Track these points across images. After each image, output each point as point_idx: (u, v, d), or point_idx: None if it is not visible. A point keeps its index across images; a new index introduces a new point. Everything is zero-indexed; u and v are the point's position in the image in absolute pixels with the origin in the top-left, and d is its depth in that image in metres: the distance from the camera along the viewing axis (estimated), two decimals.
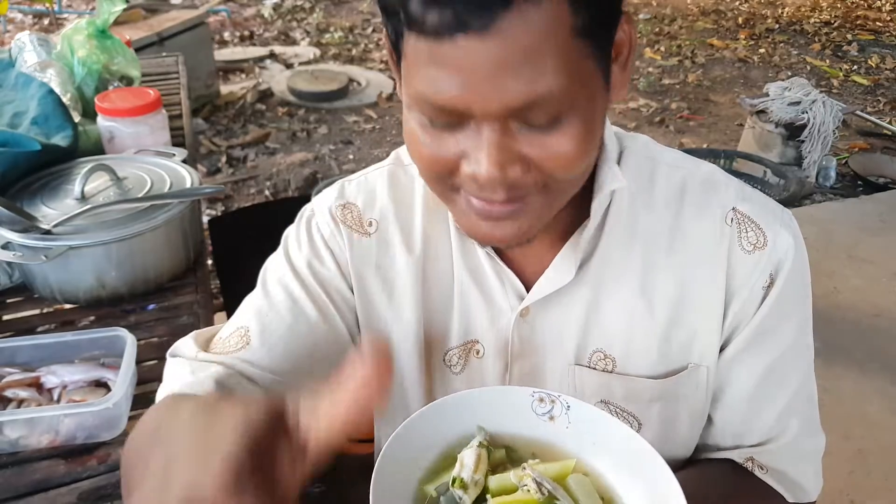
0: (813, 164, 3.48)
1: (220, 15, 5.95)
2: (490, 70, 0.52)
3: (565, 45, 0.52)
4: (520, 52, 0.51)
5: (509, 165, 0.57)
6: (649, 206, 0.72)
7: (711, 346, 0.73)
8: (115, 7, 1.64)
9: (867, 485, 2.03)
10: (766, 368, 0.74)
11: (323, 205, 0.78)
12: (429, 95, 0.55)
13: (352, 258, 0.76)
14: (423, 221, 0.76)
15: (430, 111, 0.57)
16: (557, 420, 0.60)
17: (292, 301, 0.74)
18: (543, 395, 0.61)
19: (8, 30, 5.39)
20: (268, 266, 0.79)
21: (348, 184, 0.80)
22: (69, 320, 1.16)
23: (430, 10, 0.51)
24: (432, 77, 0.54)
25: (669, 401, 0.74)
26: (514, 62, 0.51)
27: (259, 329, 0.73)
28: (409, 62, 0.56)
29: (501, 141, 0.56)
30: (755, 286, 0.71)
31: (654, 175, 0.74)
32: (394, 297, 0.77)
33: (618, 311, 0.72)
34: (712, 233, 0.72)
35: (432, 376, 0.78)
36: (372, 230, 0.77)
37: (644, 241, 0.72)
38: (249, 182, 3.69)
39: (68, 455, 0.92)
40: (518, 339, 0.74)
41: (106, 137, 1.47)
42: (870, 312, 2.73)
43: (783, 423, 0.75)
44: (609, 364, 0.74)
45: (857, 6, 7.10)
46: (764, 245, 0.71)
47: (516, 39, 0.51)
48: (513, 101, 0.53)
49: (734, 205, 0.72)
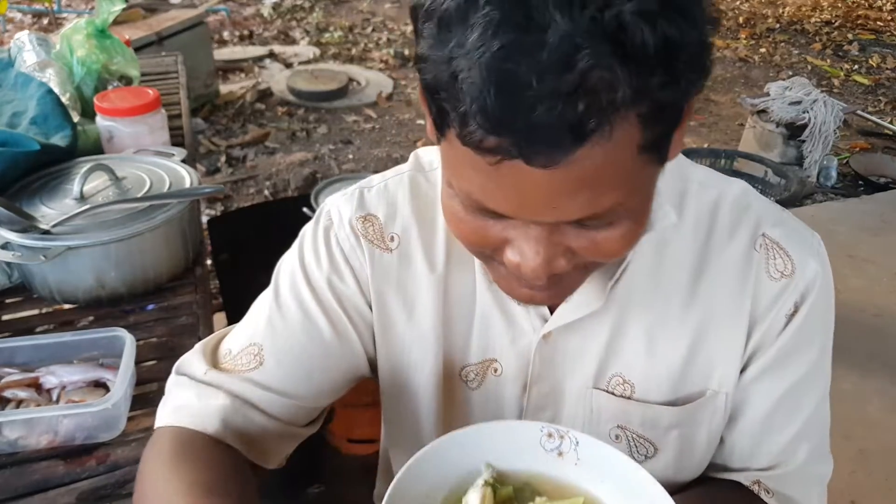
0: (814, 163, 3.48)
1: (219, 14, 5.95)
2: (548, 195, 0.49)
3: (632, 163, 0.49)
4: (582, 180, 0.48)
5: (554, 259, 0.55)
6: (679, 229, 0.70)
7: (731, 373, 0.72)
8: (115, 7, 1.64)
9: (868, 485, 2.03)
10: (781, 394, 0.72)
11: (343, 216, 0.75)
12: (474, 196, 0.53)
13: (372, 275, 0.74)
14: (446, 237, 0.74)
15: (474, 206, 0.54)
16: (566, 456, 0.59)
17: (309, 319, 0.73)
18: (552, 431, 0.59)
19: (7, 29, 5.39)
20: (281, 268, 0.77)
21: (368, 192, 0.76)
22: (68, 320, 1.16)
23: (489, 137, 0.46)
24: (481, 184, 0.51)
25: (687, 427, 0.73)
26: (575, 189, 0.49)
27: (273, 349, 0.72)
28: (453, 153, 0.52)
29: (549, 238, 0.54)
30: (779, 314, 0.70)
31: (684, 196, 0.71)
32: (413, 315, 0.75)
33: (640, 336, 0.71)
34: (740, 258, 0.70)
35: (448, 391, 0.77)
36: (394, 245, 0.75)
37: (671, 266, 0.71)
38: (249, 182, 3.68)
39: (67, 455, 0.91)
40: (539, 361, 0.73)
41: (105, 137, 1.47)
42: (870, 312, 2.72)
43: (794, 449, 0.74)
44: (627, 389, 0.72)
45: (857, 6, 7.09)
46: (791, 273, 0.70)
47: (582, 170, 0.47)
48: (567, 217, 0.52)
49: (764, 230, 0.71)
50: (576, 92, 0.43)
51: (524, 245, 0.55)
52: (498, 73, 0.44)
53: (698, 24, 0.47)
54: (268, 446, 0.74)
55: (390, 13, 6.55)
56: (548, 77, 0.43)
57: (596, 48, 0.43)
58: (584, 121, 0.44)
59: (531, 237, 0.54)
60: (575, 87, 0.43)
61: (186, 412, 0.71)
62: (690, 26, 0.46)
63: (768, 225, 0.71)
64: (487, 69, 0.44)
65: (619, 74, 0.43)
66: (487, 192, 0.51)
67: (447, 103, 0.48)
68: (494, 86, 0.44)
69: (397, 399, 0.80)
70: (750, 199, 0.72)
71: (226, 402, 0.70)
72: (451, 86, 0.46)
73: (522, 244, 0.55)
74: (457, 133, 0.48)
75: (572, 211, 0.51)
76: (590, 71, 0.43)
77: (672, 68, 0.45)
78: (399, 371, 0.77)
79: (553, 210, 0.50)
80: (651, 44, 0.43)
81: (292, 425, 0.75)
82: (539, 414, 0.76)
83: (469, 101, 0.45)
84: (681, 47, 0.45)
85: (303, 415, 0.76)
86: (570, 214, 0.51)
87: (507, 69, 0.44)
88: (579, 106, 0.44)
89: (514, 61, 0.43)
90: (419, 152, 0.79)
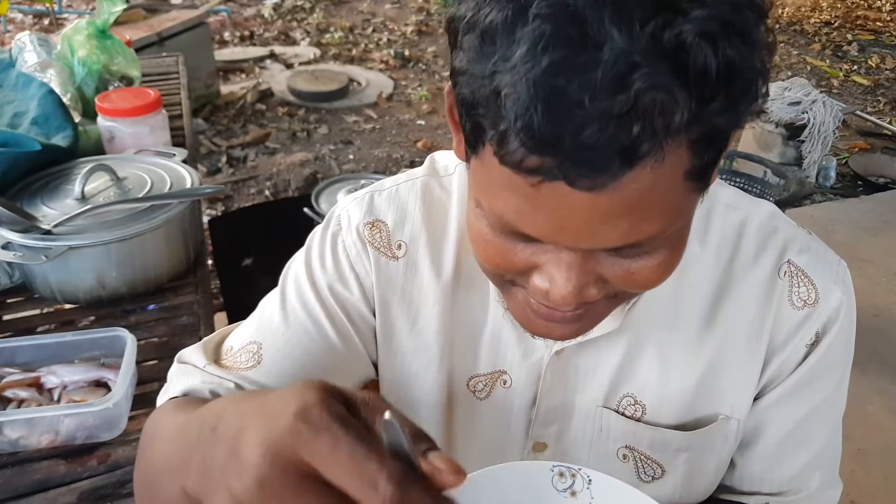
0: (813, 164, 3.48)
1: (220, 15, 5.95)
2: (590, 221, 0.46)
3: (676, 190, 0.47)
4: (626, 206, 0.45)
5: (586, 289, 0.52)
6: (701, 252, 0.68)
7: (744, 399, 0.71)
8: (116, 7, 1.64)
9: (867, 485, 2.03)
10: (796, 422, 0.71)
11: (352, 221, 0.74)
12: (507, 218, 0.50)
13: (377, 283, 0.73)
14: (457, 247, 0.72)
15: (506, 229, 0.51)
16: (580, 496, 0.57)
17: (312, 321, 0.72)
18: (563, 470, 0.57)
19: (8, 30, 5.39)
20: (289, 270, 0.76)
21: (378, 196, 0.75)
22: (69, 320, 1.16)
23: (532, 157, 0.43)
24: (517, 206, 0.48)
25: (696, 451, 0.72)
26: (618, 215, 0.46)
27: (272, 348, 0.72)
28: (486, 173, 0.49)
29: (583, 265, 0.51)
30: (799, 344, 0.69)
31: (709, 216, 0.69)
32: (417, 324, 0.74)
33: (654, 359, 0.70)
34: (763, 285, 0.68)
35: (454, 402, 0.76)
36: (400, 253, 0.73)
37: (691, 290, 0.69)
38: (249, 182, 3.69)
39: (68, 455, 0.92)
40: (550, 376, 0.72)
41: (106, 137, 1.47)
42: (870, 312, 2.72)
43: (805, 477, 0.73)
44: (638, 411, 0.71)
45: (857, 6, 7.09)
46: (815, 302, 0.68)
47: (627, 196, 0.44)
48: (606, 245, 0.49)
49: (790, 256, 0.68)
50: (629, 113, 0.41)
51: (555, 271, 0.52)
52: (547, 90, 0.41)
53: (758, 48, 0.45)
54: None
55: (391, 14, 6.55)
56: (601, 96, 0.40)
57: (654, 68, 0.40)
58: (636, 145, 0.42)
59: (563, 263, 0.51)
60: (629, 109, 0.41)
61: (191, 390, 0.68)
62: (750, 51, 0.44)
63: (794, 251, 0.69)
64: (535, 85, 0.41)
65: (678, 98, 0.41)
66: (523, 215, 0.48)
67: (485, 119, 0.45)
68: (542, 103, 0.41)
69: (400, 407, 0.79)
70: (777, 223, 0.70)
71: (229, 385, 0.69)
72: (493, 102, 0.44)
73: (553, 270, 0.52)
74: (495, 151, 0.46)
75: (612, 239, 0.48)
76: (646, 92, 0.40)
77: (731, 93, 0.43)
78: (401, 379, 0.77)
79: (592, 237, 0.48)
80: (713, 67, 0.41)
81: None
82: (546, 428, 0.75)
83: (513, 118, 0.42)
84: (741, 72, 0.43)
85: None
86: (610, 242, 0.48)
87: (557, 86, 0.41)
88: (634, 129, 0.41)
89: (565, 78, 0.41)
90: (435, 156, 0.77)
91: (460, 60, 0.47)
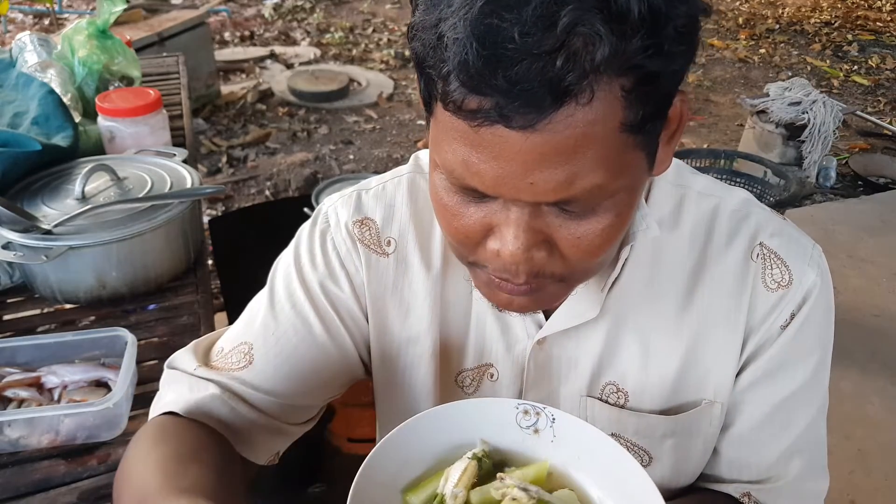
0: (813, 164, 3.48)
1: (220, 15, 5.95)
2: (526, 164, 0.49)
3: (612, 141, 0.49)
4: (561, 150, 0.48)
5: (535, 248, 0.55)
6: (675, 239, 0.70)
7: (726, 383, 0.72)
8: (116, 7, 1.64)
9: (867, 485, 2.03)
10: (773, 406, 0.72)
11: (340, 219, 0.75)
12: (457, 171, 0.53)
13: (368, 280, 0.74)
14: (444, 240, 0.73)
15: (457, 184, 0.55)
16: (542, 433, 0.59)
17: (302, 320, 0.73)
18: (528, 408, 0.59)
19: (8, 30, 5.39)
20: (277, 268, 0.77)
21: (365, 194, 0.76)
22: (69, 320, 1.16)
23: (471, 97, 0.47)
24: (463, 155, 0.51)
25: (682, 436, 0.73)
26: (554, 160, 0.48)
27: (263, 348, 0.72)
28: (438, 128, 0.53)
29: (530, 222, 0.54)
30: (774, 324, 0.70)
31: (682, 204, 0.71)
32: (409, 318, 0.75)
33: (634, 345, 0.71)
34: (737, 268, 0.70)
35: (443, 396, 0.77)
36: (390, 250, 0.74)
37: (667, 275, 0.70)
38: (250, 182, 3.69)
39: (68, 455, 0.92)
40: (534, 367, 0.73)
41: (106, 137, 1.47)
42: (870, 313, 2.72)
43: (785, 463, 0.73)
44: (621, 398, 0.72)
45: (857, 6, 7.09)
46: (788, 284, 0.69)
47: (559, 138, 0.47)
48: (546, 196, 0.51)
49: (762, 239, 0.70)
50: (557, 50, 0.44)
51: (505, 230, 0.54)
52: (481, 28, 0.44)
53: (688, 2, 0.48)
54: (255, 439, 0.73)
55: (391, 14, 6.55)
56: (531, 31, 0.44)
57: (580, 4, 0.43)
58: (562, 77, 0.44)
59: (511, 221, 0.54)
60: (556, 44, 0.44)
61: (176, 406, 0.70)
62: (679, 1, 0.47)
63: (766, 235, 0.70)
64: (472, 24, 0.44)
65: (600, 31, 0.44)
66: (469, 166, 0.51)
67: (433, 70, 0.49)
68: (477, 40, 0.44)
69: (392, 401, 0.80)
70: (750, 209, 0.71)
71: (215, 391, 0.70)
72: (437, 48, 0.47)
73: (503, 229, 0.54)
74: (440, 98, 0.49)
75: (551, 188, 0.50)
76: (572, 28, 0.43)
77: (656, 36, 0.46)
78: (394, 373, 0.77)
79: (531, 186, 0.50)
80: (635, 7, 0.44)
81: (281, 422, 0.74)
82: None
83: (451, 58, 0.46)
84: (667, 18, 0.46)
85: (293, 413, 0.75)
86: (549, 192, 0.50)
87: (491, 24, 0.44)
88: (558, 62, 0.44)
89: (499, 17, 0.44)
90: (419, 154, 0.79)
91: (415, 18, 0.50)
